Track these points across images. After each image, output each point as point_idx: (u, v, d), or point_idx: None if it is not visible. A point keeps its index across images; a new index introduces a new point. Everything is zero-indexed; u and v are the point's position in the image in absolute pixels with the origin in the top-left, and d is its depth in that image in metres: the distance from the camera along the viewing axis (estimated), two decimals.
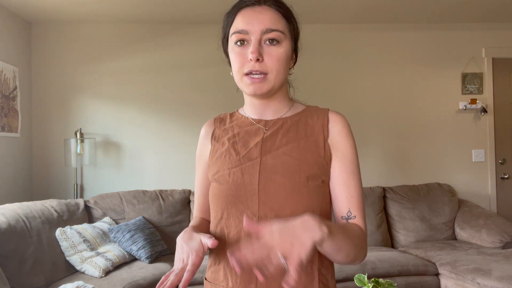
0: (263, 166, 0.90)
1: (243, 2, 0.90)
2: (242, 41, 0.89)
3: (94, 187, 3.52)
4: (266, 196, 0.88)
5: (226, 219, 0.91)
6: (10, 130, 3.18)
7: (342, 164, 0.92)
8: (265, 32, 0.87)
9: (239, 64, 0.89)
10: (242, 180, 0.90)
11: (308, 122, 0.95)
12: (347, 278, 2.61)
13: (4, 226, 2.27)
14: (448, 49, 3.77)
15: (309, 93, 3.71)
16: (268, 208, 0.87)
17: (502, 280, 2.33)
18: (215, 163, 0.97)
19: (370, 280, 1.09)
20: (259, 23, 0.87)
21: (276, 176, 0.89)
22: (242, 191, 0.89)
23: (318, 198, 0.90)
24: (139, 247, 2.78)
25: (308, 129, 0.94)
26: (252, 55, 0.86)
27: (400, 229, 3.33)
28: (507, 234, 2.97)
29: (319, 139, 0.93)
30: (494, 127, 3.76)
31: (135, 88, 3.58)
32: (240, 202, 0.89)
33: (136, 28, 3.59)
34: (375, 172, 3.69)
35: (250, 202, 0.88)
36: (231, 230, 0.90)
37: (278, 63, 0.88)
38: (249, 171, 0.90)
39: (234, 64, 0.91)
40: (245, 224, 0.73)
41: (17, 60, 3.32)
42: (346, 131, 0.95)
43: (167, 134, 3.58)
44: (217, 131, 1.02)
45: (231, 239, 0.90)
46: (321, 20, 3.62)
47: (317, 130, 0.94)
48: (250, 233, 0.87)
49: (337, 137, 0.93)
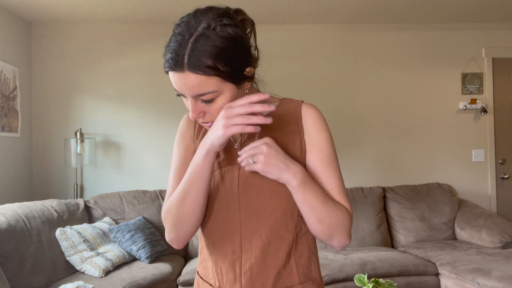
0: (242, 169, 0.89)
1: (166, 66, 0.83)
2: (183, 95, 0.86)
3: (94, 187, 3.52)
4: (247, 200, 0.89)
5: (212, 221, 0.92)
6: (10, 130, 3.18)
7: (317, 159, 0.91)
8: (196, 96, 0.82)
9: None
10: (222, 184, 0.90)
11: (284, 119, 0.94)
12: (347, 278, 2.61)
13: (4, 226, 2.27)
14: (448, 49, 3.77)
15: (309, 93, 3.72)
16: (250, 211, 0.88)
17: (502, 280, 2.33)
18: None
19: (370, 280, 1.09)
20: (187, 90, 0.81)
21: (255, 179, 0.89)
22: (223, 195, 0.90)
23: None
24: (139, 247, 2.78)
25: (284, 126, 0.93)
26: (192, 114, 0.84)
27: (400, 229, 3.33)
28: (507, 234, 2.97)
29: (295, 137, 0.92)
30: (494, 127, 3.76)
31: (135, 88, 3.59)
32: (223, 205, 0.90)
33: (136, 28, 3.59)
34: (375, 172, 3.69)
35: (231, 206, 0.89)
36: (216, 233, 0.91)
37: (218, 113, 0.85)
38: (229, 174, 0.90)
39: None
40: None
41: (17, 60, 3.32)
42: (320, 124, 0.92)
43: (167, 134, 3.58)
44: (198, 127, 1.00)
45: (216, 241, 0.91)
46: (321, 20, 3.63)
47: (292, 128, 0.93)
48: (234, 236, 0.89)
49: (311, 131, 0.92)
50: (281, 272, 0.89)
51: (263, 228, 0.88)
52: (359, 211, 3.30)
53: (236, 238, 0.89)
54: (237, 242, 0.89)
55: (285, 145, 0.91)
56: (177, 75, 0.81)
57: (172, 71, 0.81)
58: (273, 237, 0.88)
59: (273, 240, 0.88)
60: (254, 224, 0.88)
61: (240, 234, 0.89)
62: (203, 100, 0.82)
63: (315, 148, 0.91)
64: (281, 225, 0.89)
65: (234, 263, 0.89)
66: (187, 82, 0.80)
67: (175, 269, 2.74)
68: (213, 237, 0.92)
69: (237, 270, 0.89)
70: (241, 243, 0.89)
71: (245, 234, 0.89)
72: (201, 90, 0.81)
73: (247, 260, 0.88)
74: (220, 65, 0.79)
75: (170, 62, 0.80)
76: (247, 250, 0.88)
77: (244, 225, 0.89)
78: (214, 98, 0.82)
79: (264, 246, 0.88)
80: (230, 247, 0.89)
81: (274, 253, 0.88)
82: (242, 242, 0.89)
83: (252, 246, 0.88)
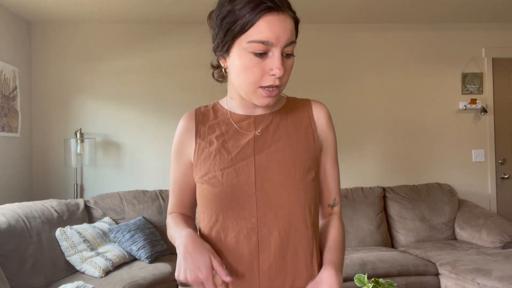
0: (258, 165, 0.88)
1: (268, 5, 0.77)
2: (263, 53, 0.80)
3: (94, 187, 3.52)
4: (264, 196, 0.87)
5: (222, 222, 0.88)
6: (10, 130, 3.18)
7: (329, 155, 0.96)
8: (287, 45, 0.80)
9: (257, 77, 0.81)
10: (237, 181, 0.87)
11: (295, 115, 0.95)
12: (347, 278, 2.61)
13: (4, 226, 2.27)
14: (448, 49, 3.77)
15: (309, 93, 3.71)
16: (267, 208, 0.87)
17: (502, 280, 2.33)
18: (203, 163, 0.91)
19: (370, 280, 1.09)
20: (284, 35, 0.78)
21: (273, 174, 0.87)
22: (238, 193, 0.87)
23: (314, 191, 0.91)
24: (139, 247, 2.78)
25: (297, 122, 0.94)
26: (279, 71, 0.79)
27: (400, 229, 3.33)
28: (507, 234, 2.97)
29: (308, 132, 0.93)
30: (494, 127, 3.76)
31: (135, 88, 3.58)
32: (236, 204, 0.87)
33: (136, 28, 3.59)
34: (375, 172, 3.68)
35: (247, 203, 0.87)
36: (228, 233, 0.87)
37: (288, 75, 0.85)
38: (244, 171, 0.88)
39: (248, 75, 0.82)
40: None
41: (17, 60, 3.32)
42: (330, 122, 0.97)
43: (167, 134, 3.58)
44: (201, 128, 0.94)
45: (229, 242, 0.88)
46: (321, 20, 3.62)
47: (305, 123, 0.94)
48: (250, 234, 0.87)
49: (324, 128, 0.95)
50: (301, 270, 0.87)
51: (281, 225, 0.86)
52: (359, 211, 3.30)
53: (253, 237, 0.86)
54: (254, 240, 0.86)
55: (299, 143, 0.92)
56: (278, 18, 0.78)
57: (273, 12, 0.77)
58: (292, 233, 0.87)
59: (292, 237, 0.87)
60: (272, 220, 0.86)
61: (257, 232, 0.86)
62: (287, 54, 0.82)
63: (328, 145, 0.96)
64: (300, 220, 0.87)
65: (251, 263, 0.86)
66: (287, 26, 0.78)
67: (175, 269, 2.74)
68: (225, 238, 0.88)
69: (254, 270, 0.86)
70: (258, 242, 0.86)
71: (263, 232, 0.86)
72: (293, 37, 0.81)
73: (266, 259, 0.86)
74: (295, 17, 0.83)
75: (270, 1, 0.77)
76: (265, 249, 0.86)
77: (261, 223, 0.86)
78: (293, 54, 0.83)
79: (283, 244, 0.86)
80: (247, 246, 0.86)
81: (293, 250, 0.87)
82: (259, 240, 0.86)
83: (271, 244, 0.86)
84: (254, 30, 0.78)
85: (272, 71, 0.80)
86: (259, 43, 0.78)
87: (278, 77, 0.80)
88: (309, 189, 0.89)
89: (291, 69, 0.84)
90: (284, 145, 0.90)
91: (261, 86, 0.82)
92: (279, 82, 0.82)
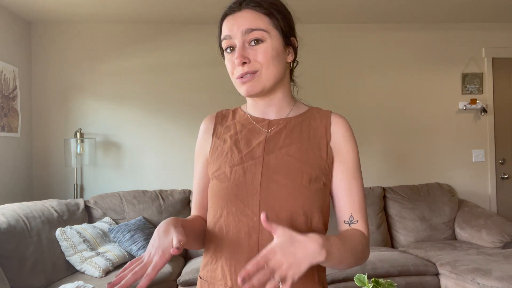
0: (265, 165, 0.90)
1: (225, 11, 0.92)
2: (231, 47, 0.90)
3: (94, 187, 3.52)
4: (268, 196, 0.88)
5: (225, 217, 0.90)
6: (10, 130, 3.18)
7: (344, 168, 0.93)
8: (246, 32, 0.87)
9: (231, 70, 0.91)
10: (243, 178, 0.89)
11: (312, 124, 0.95)
12: (347, 278, 2.61)
13: (4, 226, 2.27)
14: (448, 49, 3.77)
15: (309, 93, 3.70)
16: (269, 208, 0.87)
17: (502, 280, 2.33)
18: (216, 160, 0.95)
19: (370, 280, 1.09)
20: (238, 26, 0.88)
21: (279, 177, 0.88)
22: (243, 190, 0.89)
23: (319, 200, 0.90)
24: (139, 247, 2.78)
25: (311, 131, 0.94)
26: (236, 60, 0.87)
27: (400, 229, 3.33)
28: (507, 234, 2.97)
29: (322, 142, 0.93)
30: (494, 127, 3.76)
31: (135, 88, 3.58)
32: (240, 201, 0.89)
33: (136, 28, 3.59)
34: (375, 172, 3.69)
35: (251, 201, 0.88)
36: (230, 229, 0.89)
37: (266, 58, 0.88)
38: (251, 170, 0.90)
39: (229, 71, 0.92)
40: (262, 218, 0.74)
41: (17, 60, 3.32)
42: (349, 135, 0.95)
43: (167, 134, 3.58)
44: (219, 128, 1.00)
45: (230, 238, 0.89)
46: (321, 20, 3.62)
47: (320, 133, 0.94)
48: (251, 233, 0.87)
49: (340, 141, 0.94)
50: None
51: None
52: None
53: (254, 235, 0.87)
54: (254, 239, 0.87)
55: (310, 151, 0.91)
56: (233, 16, 0.89)
57: (229, 15, 0.90)
58: None
59: None
60: (273, 221, 0.85)
61: (258, 231, 0.87)
62: (253, 40, 0.87)
63: (343, 159, 0.93)
64: (301, 227, 0.87)
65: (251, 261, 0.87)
66: (243, 19, 0.88)
67: (175, 269, 2.74)
68: (227, 234, 0.90)
69: None
70: (258, 241, 0.87)
71: (264, 232, 0.86)
72: (254, 25, 0.87)
73: None
74: (273, 9, 0.90)
75: (227, 9, 0.91)
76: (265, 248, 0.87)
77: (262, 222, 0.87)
78: (264, 39, 0.88)
79: None
80: (247, 244, 0.87)
81: None
82: (260, 239, 0.87)
83: None
84: (222, 33, 0.93)
85: (235, 62, 0.88)
86: (223, 40, 0.91)
87: (238, 65, 0.87)
88: (314, 198, 0.89)
89: (266, 52, 0.88)
90: (294, 150, 0.91)
91: (237, 78, 0.90)
92: (247, 68, 0.88)
